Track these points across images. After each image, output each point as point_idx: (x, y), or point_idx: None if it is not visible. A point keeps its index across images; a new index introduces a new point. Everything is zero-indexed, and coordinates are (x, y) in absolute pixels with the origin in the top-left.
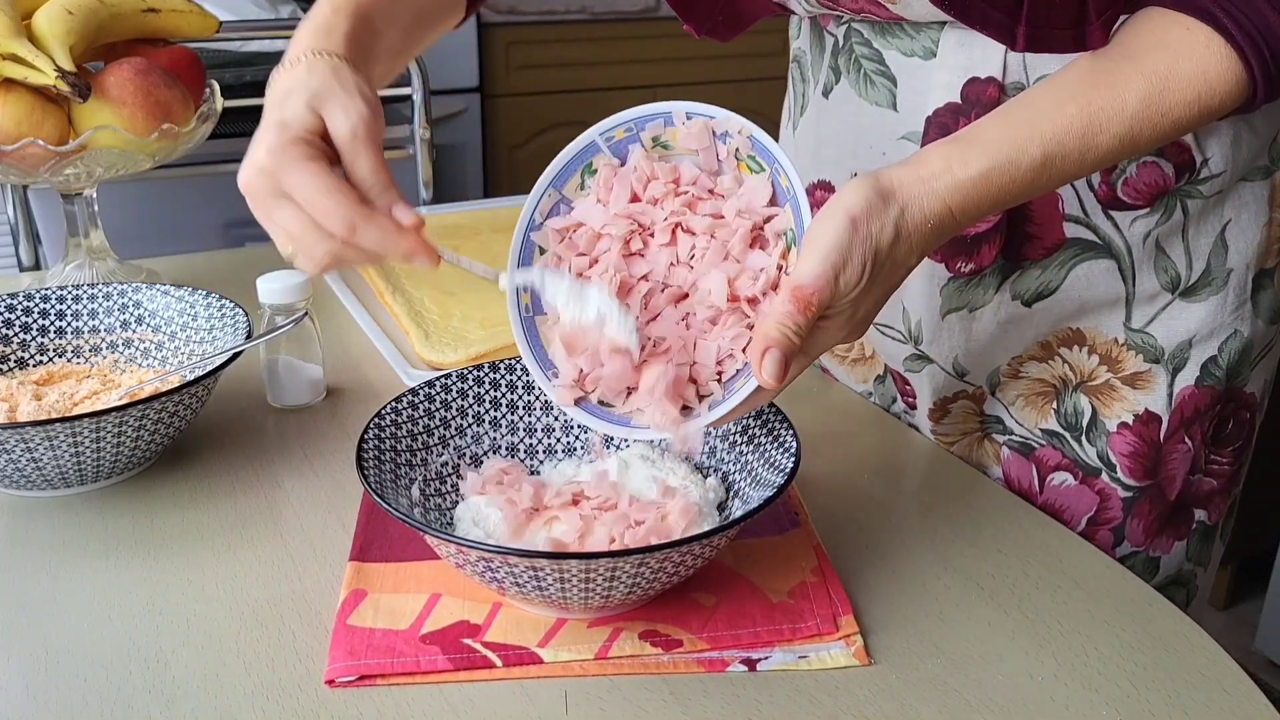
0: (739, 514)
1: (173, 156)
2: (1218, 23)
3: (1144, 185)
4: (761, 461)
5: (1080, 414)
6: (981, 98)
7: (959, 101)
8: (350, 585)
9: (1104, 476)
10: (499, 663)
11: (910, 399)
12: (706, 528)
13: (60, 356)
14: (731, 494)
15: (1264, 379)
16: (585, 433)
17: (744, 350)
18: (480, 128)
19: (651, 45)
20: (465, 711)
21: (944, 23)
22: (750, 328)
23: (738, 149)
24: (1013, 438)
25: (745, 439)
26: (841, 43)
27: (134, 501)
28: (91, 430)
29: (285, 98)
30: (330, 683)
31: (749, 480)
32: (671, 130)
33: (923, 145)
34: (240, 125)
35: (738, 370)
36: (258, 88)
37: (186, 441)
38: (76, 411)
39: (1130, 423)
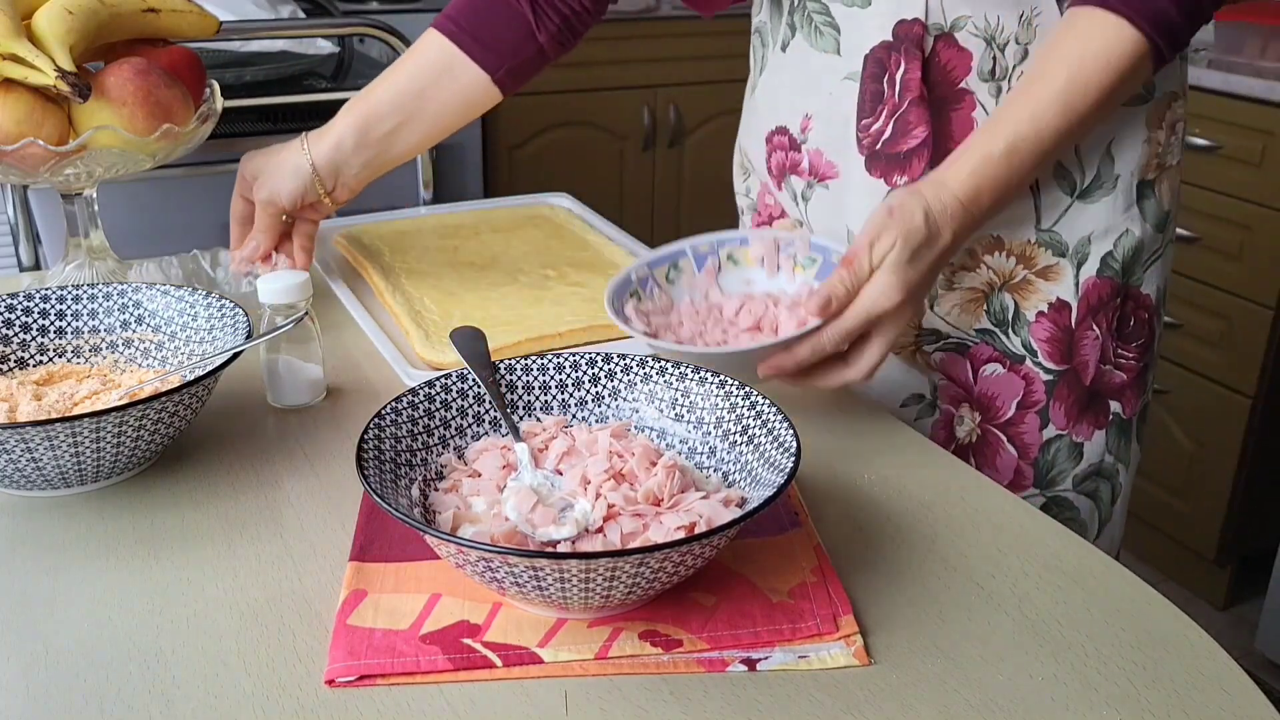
0: (739, 514)
1: (173, 156)
2: (1112, 6)
3: None
4: (761, 461)
5: (1006, 310)
6: (909, 34)
7: (891, 39)
8: (350, 585)
9: (1028, 363)
10: (499, 663)
11: None
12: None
13: (60, 356)
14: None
15: (1156, 284)
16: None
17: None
18: (480, 128)
19: (651, 45)
20: (465, 711)
21: None
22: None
23: (796, 255)
24: (948, 341)
25: (745, 439)
26: (796, 3)
27: (134, 501)
28: (91, 430)
29: (281, 149)
30: (330, 683)
31: (749, 480)
32: (744, 249)
33: (861, 79)
34: (240, 125)
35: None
36: (258, 88)
37: (186, 441)
38: (76, 411)
39: (1045, 311)
